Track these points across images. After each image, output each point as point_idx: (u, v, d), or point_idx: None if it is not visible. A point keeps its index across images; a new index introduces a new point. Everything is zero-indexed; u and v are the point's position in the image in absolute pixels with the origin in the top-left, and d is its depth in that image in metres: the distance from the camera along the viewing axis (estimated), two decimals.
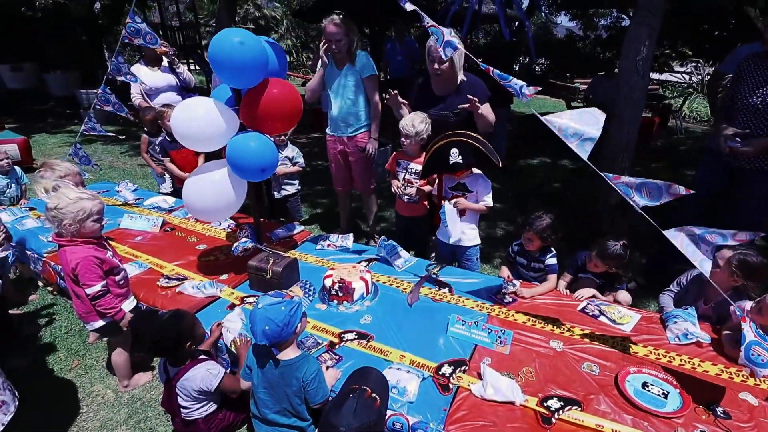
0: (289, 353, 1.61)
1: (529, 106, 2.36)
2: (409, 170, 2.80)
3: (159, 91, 4.03)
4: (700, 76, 10.16)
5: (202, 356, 1.77)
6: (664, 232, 1.50)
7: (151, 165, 3.92)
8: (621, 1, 7.96)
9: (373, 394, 1.43)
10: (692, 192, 1.39)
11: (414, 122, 2.61)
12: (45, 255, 2.70)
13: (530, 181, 5.46)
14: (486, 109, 2.59)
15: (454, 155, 2.34)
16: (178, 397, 1.72)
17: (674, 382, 1.66)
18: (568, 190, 5.12)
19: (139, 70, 3.93)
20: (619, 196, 1.55)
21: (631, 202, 1.49)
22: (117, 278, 2.04)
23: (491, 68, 1.66)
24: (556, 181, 5.50)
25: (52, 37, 11.14)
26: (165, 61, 4.03)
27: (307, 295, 2.24)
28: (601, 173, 1.53)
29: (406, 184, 2.81)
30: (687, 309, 2.03)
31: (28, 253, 2.80)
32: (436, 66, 2.54)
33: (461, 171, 2.44)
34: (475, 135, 2.37)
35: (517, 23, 8.26)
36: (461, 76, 2.65)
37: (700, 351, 1.85)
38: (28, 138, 5.98)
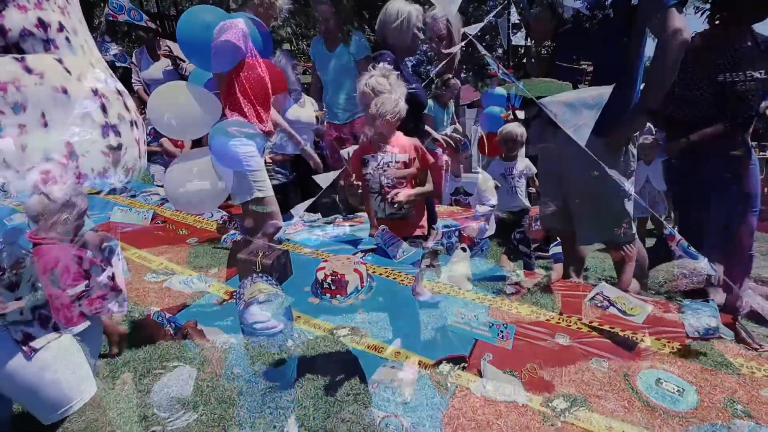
0: None
1: (535, 89, 2.19)
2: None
3: (159, 83, 3.88)
4: None
5: None
6: None
7: None
8: None
9: None
10: None
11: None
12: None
13: None
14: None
15: None
16: None
17: (690, 378, 1.54)
18: None
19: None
20: None
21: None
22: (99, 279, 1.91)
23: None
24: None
25: None
26: (168, 64, 3.82)
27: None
28: None
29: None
30: (708, 301, 1.90)
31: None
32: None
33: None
34: None
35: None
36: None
37: (717, 344, 1.72)
38: None
